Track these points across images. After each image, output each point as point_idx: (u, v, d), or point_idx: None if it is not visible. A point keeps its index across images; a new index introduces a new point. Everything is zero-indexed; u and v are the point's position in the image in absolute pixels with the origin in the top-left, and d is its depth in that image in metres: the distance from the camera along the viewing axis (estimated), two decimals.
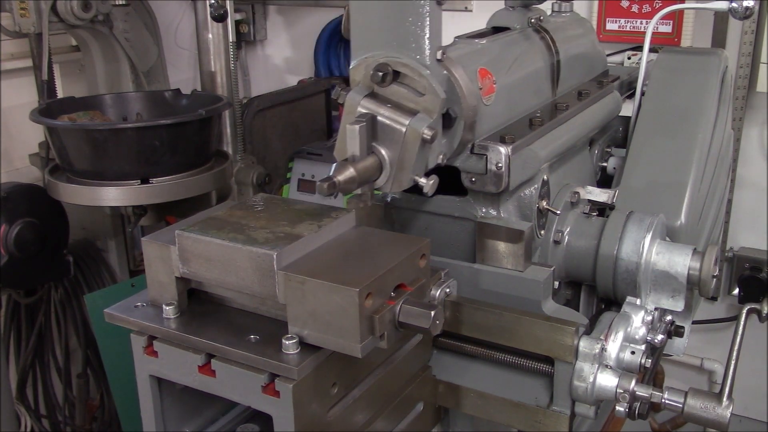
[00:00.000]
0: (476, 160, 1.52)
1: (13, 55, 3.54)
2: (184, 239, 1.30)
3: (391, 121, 1.36)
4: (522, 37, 1.82)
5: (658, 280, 1.61)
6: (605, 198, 1.79)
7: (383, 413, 1.43)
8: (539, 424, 1.49)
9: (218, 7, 3.17)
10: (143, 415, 1.39)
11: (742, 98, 3.23)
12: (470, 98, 1.47)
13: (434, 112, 1.37)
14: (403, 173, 1.36)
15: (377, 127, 1.37)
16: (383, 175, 1.38)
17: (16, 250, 3.04)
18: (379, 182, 1.38)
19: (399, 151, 1.36)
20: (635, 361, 1.46)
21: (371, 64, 1.39)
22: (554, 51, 1.88)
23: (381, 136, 1.37)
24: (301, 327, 1.22)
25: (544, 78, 1.85)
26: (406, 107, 1.38)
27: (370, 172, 1.35)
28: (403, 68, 1.38)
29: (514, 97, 1.69)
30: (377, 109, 1.37)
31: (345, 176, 1.29)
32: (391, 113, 1.36)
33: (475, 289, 1.56)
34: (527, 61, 1.78)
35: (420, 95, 1.37)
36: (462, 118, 1.46)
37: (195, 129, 2.91)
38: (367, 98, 1.39)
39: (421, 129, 1.34)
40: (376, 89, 1.40)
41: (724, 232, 3.36)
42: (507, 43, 1.75)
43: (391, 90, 1.39)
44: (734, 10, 1.91)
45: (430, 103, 1.37)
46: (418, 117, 1.36)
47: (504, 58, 1.69)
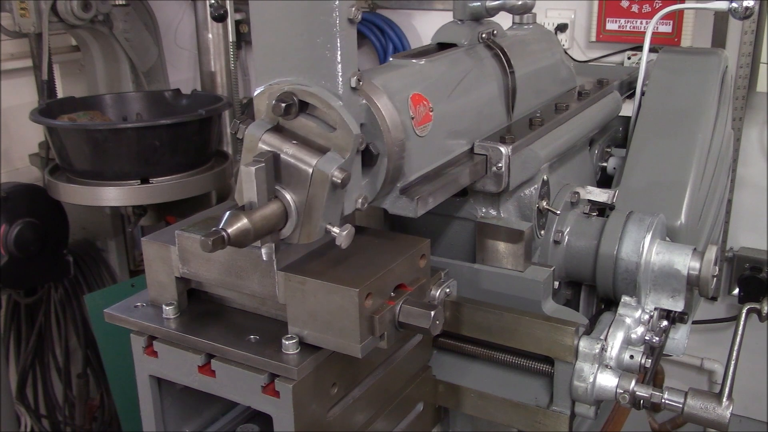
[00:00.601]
0: (407, 202, 1.32)
1: (13, 55, 3.54)
2: (184, 239, 1.30)
3: (297, 161, 1.15)
4: (469, 55, 1.60)
5: (658, 280, 1.61)
6: (605, 198, 1.79)
7: (383, 413, 1.43)
8: (539, 424, 1.49)
9: (218, 7, 3.18)
10: (143, 415, 1.39)
11: (742, 98, 3.22)
12: (395, 131, 1.26)
13: (347, 150, 1.16)
14: (311, 222, 1.17)
15: (281, 167, 1.16)
16: (289, 224, 1.17)
17: (16, 250, 3.04)
18: (284, 232, 1.18)
19: (306, 196, 1.16)
20: (635, 361, 1.46)
21: (275, 92, 1.18)
22: (508, 70, 1.65)
23: (286, 178, 1.16)
24: (301, 327, 1.22)
25: (495, 101, 1.64)
26: (316, 144, 1.17)
27: (272, 221, 1.14)
28: (311, 98, 1.17)
29: (458, 125, 1.49)
30: (281, 145, 1.16)
31: (237, 228, 1.08)
32: (297, 151, 1.16)
33: (475, 289, 1.56)
34: (475, 82, 1.57)
35: (331, 130, 1.17)
36: (385, 154, 1.26)
37: (195, 129, 2.91)
38: (271, 133, 1.18)
39: (331, 171, 1.13)
40: (281, 122, 1.19)
41: (724, 232, 3.36)
42: (451, 63, 1.53)
43: (298, 123, 1.18)
44: (734, 10, 1.91)
45: (342, 139, 1.16)
46: (328, 156, 1.15)
47: (446, 80, 1.48)
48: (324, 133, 1.17)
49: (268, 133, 1.18)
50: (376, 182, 1.28)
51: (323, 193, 1.14)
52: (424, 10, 3.70)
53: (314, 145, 1.17)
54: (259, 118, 1.21)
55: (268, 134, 1.18)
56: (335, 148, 1.16)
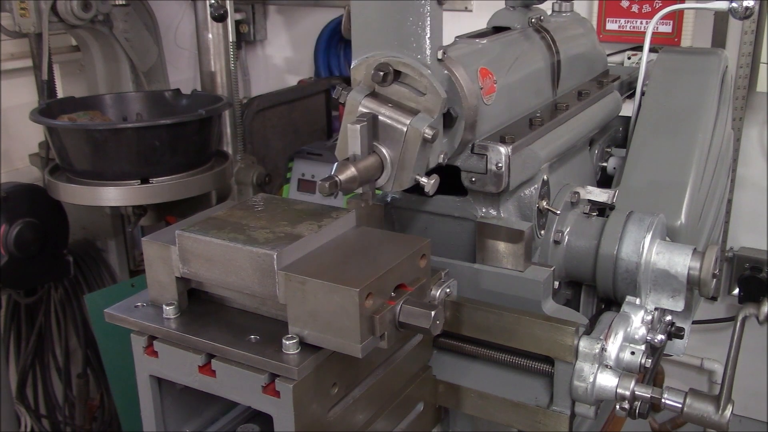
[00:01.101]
0: (477, 159, 1.53)
1: (13, 55, 3.54)
2: (184, 239, 1.30)
3: (393, 121, 1.36)
4: (522, 37, 1.81)
5: (658, 280, 1.61)
6: (605, 198, 1.79)
7: (383, 413, 1.43)
8: (539, 424, 1.49)
9: (218, 7, 3.18)
10: (143, 415, 1.39)
11: (742, 98, 3.23)
12: (471, 98, 1.47)
13: (435, 111, 1.37)
14: (404, 173, 1.37)
15: (378, 126, 1.37)
16: (384, 175, 1.38)
17: (16, 250, 3.04)
18: (380, 181, 1.39)
19: (400, 151, 1.36)
20: (635, 362, 1.46)
21: (372, 63, 1.39)
22: (555, 51, 1.88)
23: (382, 135, 1.37)
24: (302, 327, 1.22)
25: (544, 78, 1.85)
26: (407, 107, 1.38)
27: (371, 171, 1.35)
28: (404, 68, 1.38)
29: (514, 96, 1.69)
30: (378, 108, 1.37)
31: (346, 175, 1.29)
32: (392, 113, 1.37)
33: (475, 289, 1.56)
34: (528, 60, 1.78)
35: (421, 95, 1.37)
36: (463, 117, 1.46)
37: (195, 129, 2.91)
38: (369, 98, 1.39)
39: (423, 128, 1.34)
40: (377, 89, 1.40)
41: (724, 232, 3.36)
42: (507, 43, 1.74)
43: (392, 90, 1.39)
44: (734, 10, 1.91)
45: (431, 102, 1.37)
46: (419, 116, 1.36)
47: (504, 58, 1.69)
48: (414, 98, 1.38)
49: (367, 98, 1.39)
50: (454, 141, 1.48)
51: (415, 148, 1.35)
52: None
53: (406, 107, 1.38)
54: (355, 86, 1.42)
55: (367, 99, 1.39)
56: (424, 110, 1.37)
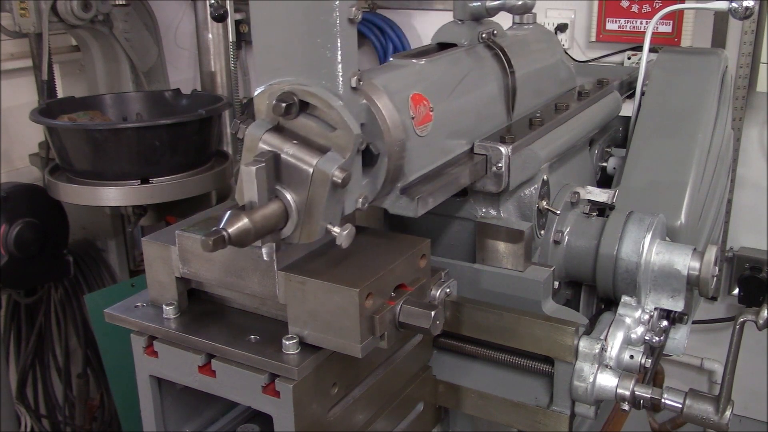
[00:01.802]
0: (407, 202, 1.33)
1: (13, 55, 3.54)
2: (184, 239, 1.30)
3: (297, 161, 1.16)
4: (470, 54, 1.61)
5: (658, 280, 1.61)
6: (605, 198, 1.79)
7: (383, 413, 1.43)
8: (539, 424, 1.49)
9: (218, 7, 3.18)
10: (143, 415, 1.39)
11: (742, 98, 3.22)
12: (395, 131, 1.27)
13: (347, 149, 1.16)
14: (312, 221, 1.17)
15: (282, 167, 1.16)
16: (289, 224, 1.18)
17: (16, 250, 3.04)
18: (285, 232, 1.18)
19: (307, 196, 1.16)
20: (635, 361, 1.46)
21: (276, 92, 1.18)
22: (509, 70, 1.65)
23: (286, 177, 1.16)
24: (302, 327, 1.22)
25: (496, 100, 1.64)
26: (316, 143, 1.17)
27: (271, 221, 1.15)
28: (312, 98, 1.18)
29: (458, 124, 1.50)
30: (281, 145, 1.17)
31: (237, 228, 1.09)
32: (297, 151, 1.16)
33: (475, 289, 1.56)
34: (475, 82, 1.58)
35: (332, 129, 1.17)
36: (386, 154, 1.26)
37: (195, 129, 2.91)
38: (271, 133, 1.18)
39: (331, 170, 1.14)
40: (281, 122, 1.19)
41: (724, 232, 3.36)
42: (451, 62, 1.54)
43: (298, 123, 1.19)
44: (734, 10, 1.91)
45: (343, 139, 1.16)
46: (328, 156, 1.16)
47: (446, 80, 1.50)
48: (324, 133, 1.17)
49: (269, 132, 1.18)
50: (376, 182, 1.29)
51: (324, 193, 1.15)
52: (424, 10, 3.70)
53: (315, 144, 1.17)
54: (259, 117, 1.21)
55: (269, 134, 1.18)
56: (336, 147, 1.17)
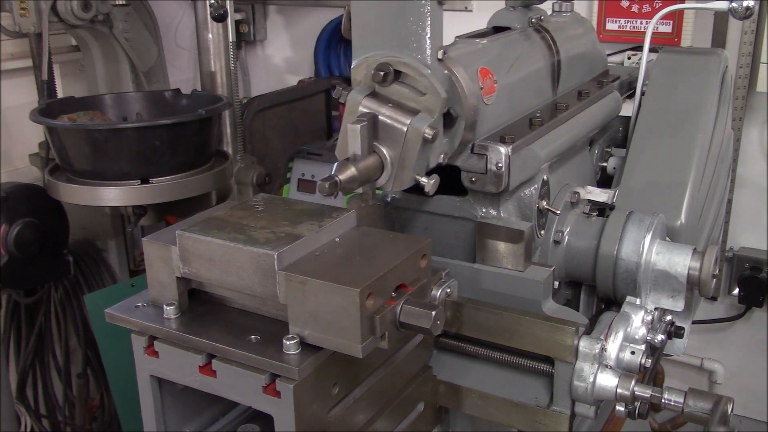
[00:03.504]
0: (477, 159, 1.52)
1: (13, 55, 3.54)
2: (184, 239, 1.30)
3: (393, 121, 1.36)
4: (522, 36, 1.82)
5: (658, 280, 1.61)
6: (605, 198, 1.79)
7: (384, 413, 1.43)
8: (539, 424, 1.49)
9: (218, 7, 3.18)
10: (144, 415, 1.39)
11: (742, 98, 3.23)
12: (471, 98, 1.47)
13: (435, 111, 1.36)
14: (404, 172, 1.37)
15: (379, 126, 1.37)
16: (384, 175, 1.38)
17: (16, 250, 3.04)
18: (380, 181, 1.39)
19: (400, 151, 1.36)
20: (635, 361, 1.46)
21: (372, 63, 1.39)
22: (555, 51, 1.88)
23: (382, 135, 1.37)
24: (302, 327, 1.23)
25: (544, 78, 1.85)
26: (408, 107, 1.37)
27: (371, 171, 1.35)
28: (405, 68, 1.38)
29: (514, 96, 1.69)
30: (378, 108, 1.37)
31: (346, 175, 1.29)
32: (393, 113, 1.36)
33: (476, 289, 1.56)
34: (528, 60, 1.78)
35: (421, 95, 1.37)
36: (463, 117, 1.46)
37: (195, 129, 2.91)
38: (369, 98, 1.39)
39: (423, 128, 1.34)
40: (377, 89, 1.39)
41: (724, 232, 3.36)
42: (508, 43, 1.74)
43: (392, 89, 1.39)
44: (734, 10, 1.91)
45: (432, 102, 1.37)
46: (420, 116, 1.36)
47: (505, 57, 1.69)
48: (415, 97, 1.37)
49: (367, 98, 1.38)
50: (454, 141, 1.48)
51: (415, 148, 1.35)
52: None
53: (406, 107, 1.37)
54: (356, 86, 1.41)
55: (367, 99, 1.38)
56: (425, 109, 1.37)
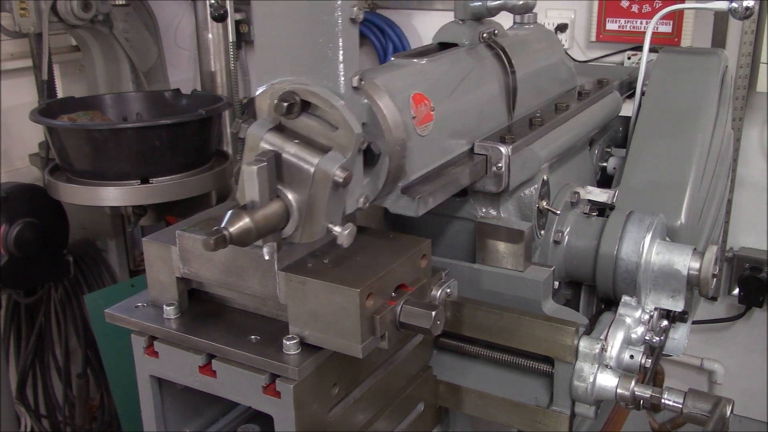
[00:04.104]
0: (408, 201, 1.33)
1: (13, 55, 3.54)
2: (184, 239, 1.30)
3: (298, 160, 1.16)
4: (470, 54, 1.61)
5: (658, 280, 1.61)
6: (605, 198, 1.79)
7: (384, 413, 1.43)
8: (539, 424, 1.49)
9: (218, 7, 3.18)
10: (144, 415, 1.39)
11: (742, 98, 3.22)
12: (396, 131, 1.27)
13: (349, 149, 1.17)
14: (313, 221, 1.17)
15: (283, 166, 1.17)
16: (291, 224, 1.18)
17: (16, 250, 3.04)
18: (286, 231, 1.19)
19: (308, 196, 1.16)
20: (635, 362, 1.46)
21: (277, 92, 1.18)
22: (509, 70, 1.66)
23: (287, 177, 1.17)
24: (302, 327, 1.23)
25: (497, 100, 1.65)
26: (317, 143, 1.18)
27: (273, 220, 1.14)
28: (313, 98, 1.18)
29: (459, 124, 1.50)
30: (283, 145, 1.17)
31: (239, 228, 1.09)
32: (299, 150, 1.16)
33: (476, 290, 1.56)
34: (476, 82, 1.58)
35: (333, 129, 1.17)
36: (387, 153, 1.26)
37: (195, 129, 2.91)
38: (272, 132, 1.18)
39: (332, 170, 1.14)
40: (283, 122, 1.19)
41: (724, 232, 3.36)
42: (452, 62, 1.54)
43: (300, 123, 1.19)
44: (734, 10, 1.91)
45: (344, 138, 1.17)
46: (330, 156, 1.16)
47: (447, 79, 1.50)
48: (326, 133, 1.18)
49: (270, 132, 1.18)
50: (377, 181, 1.29)
51: (325, 192, 1.15)
52: (424, 10, 3.70)
53: (316, 144, 1.18)
54: (261, 117, 1.21)
55: (270, 133, 1.18)
56: (337, 147, 1.17)
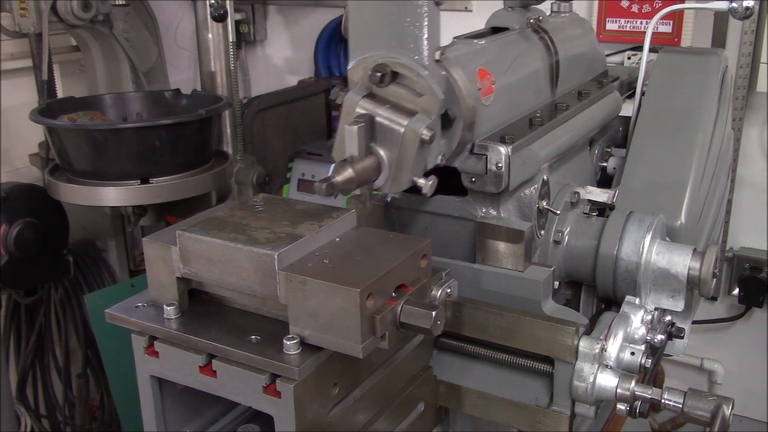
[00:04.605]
0: (475, 160, 1.52)
1: (13, 55, 3.54)
2: (185, 239, 1.30)
3: (390, 122, 1.35)
4: (521, 37, 1.81)
5: (658, 280, 1.61)
6: (605, 198, 1.79)
7: (384, 413, 1.43)
8: (539, 424, 1.49)
9: (218, 7, 3.18)
10: (144, 415, 1.39)
11: (742, 98, 3.23)
12: (469, 99, 1.46)
13: (433, 112, 1.36)
14: (401, 174, 1.36)
15: (376, 127, 1.36)
16: (382, 176, 1.37)
17: (16, 250, 3.04)
18: (378, 183, 1.37)
19: (398, 152, 1.35)
20: (635, 362, 1.46)
21: (369, 64, 1.38)
22: (553, 51, 1.87)
23: (380, 136, 1.36)
24: (302, 327, 1.23)
25: (543, 78, 1.85)
26: (405, 108, 1.37)
27: (368, 172, 1.34)
28: (402, 69, 1.37)
29: (513, 97, 1.69)
30: (375, 109, 1.36)
31: (344, 177, 1.28)
32: (390, 114, 1.35)
33: (476, 290, 1.56)
34: (526, 61, 1.78)
35: (418, 96, 1.36)
36: (461, 118, 1.45)
37: (195, 129, 2.91)
38: (366, 99, 1.38)
39: (420, 130, 1.33)
40: (374, 90, 1.38)
41: (724, 232, 3.36)
42: (506, 44, 1.74)
43: (389, 90, 1.38)
44: (734, 10, 1.91)
45: (429, 103, 1.36)
46: (417, 118, 1.35)
47: (503, 58, 1.68)
48: (412, 99, 1.36)
49: (364, 99, 1.37)
50: (452, 142, 1.48)
51: (413, 149, 1.34)
52: None
53: (404, 108, 1.36)
54: (352, 87, 1.40)
55: (364, 100, 1.37)
56: (422, 111, 1.35)
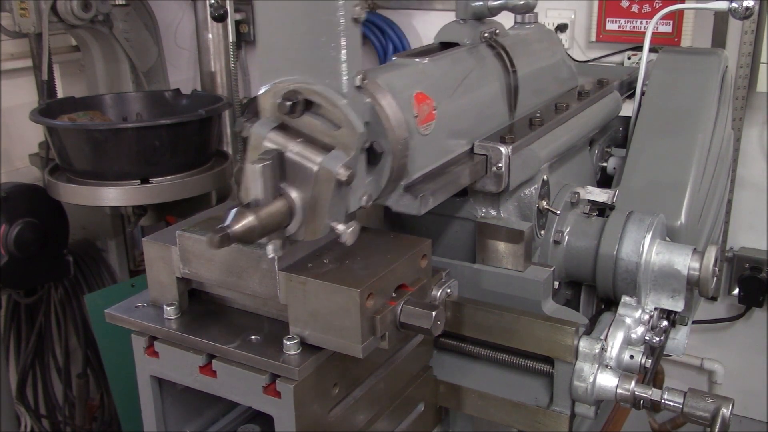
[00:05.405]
0: (410, 199, 1.33)
1: (13, 55, 3.54)
2: (185, 239, 1.30)
3: (302, 159, 1.15)
4: (471, 54, 1.61)
5: (658, 280, 1.61)
6: (605, 198, 1.79)
7: (384, 414, 1.43)
8: (539, 424, 1.49)
9: (218, 7, 3.18)
10: (144, 415, 1.39)
11: (742, 98, 3.22)
12: (399, 130, 1.27)
13: (352, 148, 1.16)
14: (317, 219, 1.17)
15: (286, 165, 1.16)
16: (294, 222, 1.17)
17: (16, 250, 3.04)
18: (290, 229, 1.18)
19: (311, 194, 1.16)
20: (635, 362, 1.46)
21: (280, 91, 1.18)
22: (511, 69, 1.67)
23: (291, 175, 1.16)
24: (302, 327, 1.23)
25: (498, 100, 1.65)
26: (320, 142, 1.17)
27: (276, 218, 1.14)
28: (316, 97, 1.17)
29: (461, 124, 1.50)
30: (286, 143, 1.16)
31: (243, 225, 1.09)
32: (302, 149, 1.16)
33: (476, 290, 1.56)
34: (477, 81, 1.58)
35: (336, 128, 1.17)
36: (389, 152, 1.26)
37: (195, 129, 2.91)
38: (276, 131, 1.18)
39: (335, 168, 1.13)
40: (286, 121, 1.19)
41: (724, 232, 3.36)
42: (452, 62, 1.55)
43: (303, 121, 1.18)
44: (734, 10, 1.91)
45: (347, 137, 1.16)
46: (333, 154, 1.15)
47: (448, 79, 1.50)
48: (328, 132, 1.17)
49: (274, 131, 1.18)
50: (380, 180, 1.28)
51: (328, 191, 1.15)
52: (424, 10, 3.70)
53: (319, 143, 1.17)
54: (263, 116, 1.20)
55: (274, 132, 1.18)
56: (340, 146, 1.16)
